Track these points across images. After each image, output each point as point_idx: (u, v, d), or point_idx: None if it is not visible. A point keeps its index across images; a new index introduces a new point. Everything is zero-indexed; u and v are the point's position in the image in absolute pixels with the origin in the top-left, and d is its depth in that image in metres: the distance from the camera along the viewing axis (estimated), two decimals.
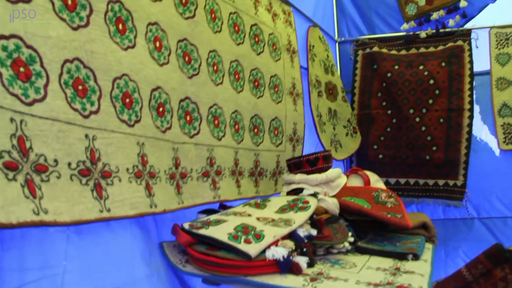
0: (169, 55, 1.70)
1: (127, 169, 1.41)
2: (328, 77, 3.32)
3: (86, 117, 1.28)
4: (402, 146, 3.67)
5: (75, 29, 1.27)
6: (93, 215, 1.24)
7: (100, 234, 1.35)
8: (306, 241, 1.65)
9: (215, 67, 1.99)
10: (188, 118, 1.80)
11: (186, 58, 1.80)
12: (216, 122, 1.98)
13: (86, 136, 1.27)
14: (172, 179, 1.66)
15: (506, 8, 3.62)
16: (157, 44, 1.63)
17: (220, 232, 1.51)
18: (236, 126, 2.15)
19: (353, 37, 4.03)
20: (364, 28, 4.03)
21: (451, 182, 3.55)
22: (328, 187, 2.24)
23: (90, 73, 1.31)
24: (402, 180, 3.68)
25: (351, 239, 1.98)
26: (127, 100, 1.45)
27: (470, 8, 3.65)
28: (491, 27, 3.66)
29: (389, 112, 3.73)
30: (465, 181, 3.52)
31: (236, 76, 2.17)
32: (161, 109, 1.62)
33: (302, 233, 1.65)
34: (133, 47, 1.50)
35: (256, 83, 2.32)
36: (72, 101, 1.23)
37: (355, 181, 2.55)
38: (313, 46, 3.19)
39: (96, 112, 1.32)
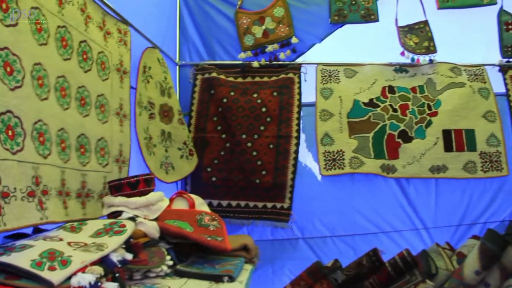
0: None
1: None
2: (164, 99, 3.31)
3: None
4: (234, 170, 3.79)
5: None
6: None
7: None
8: (119, 265, 1.61)
9: (40, 81, 1.87)
10: (10, 133, 1.65)
11: (8, 69, 1.66)
12: (41, 139, 1.86)
13: None
14: None
15: (330, 49, 4.03)
16: None
17: (23, 258, 1.40)
18: (63, 145, 2.04)
19: (193, 62, 4.11)
20: (205, 53, 4.14)
21: (278, 205, 3.76)
22: (149, 210, 2.23)
23: None
24: (234, 203, 3.79)
25: (170, 263, 2.00)
26: None
27: (300, 45, 4.00)
28: (318, 64, 4.03)
29: (223, 136, 3.85)
30: (291, 203, 3.76)
31: (63, 93, 2.06)
32: None
33: (115, 258, 1.61)
34: None
35: (82, 101, 2.23)
36: None
37: (181, 204, 2.58)
38: (150, 67, 3.18)
39: None
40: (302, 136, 3.88)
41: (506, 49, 3.98)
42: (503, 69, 3.99)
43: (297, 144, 3.80)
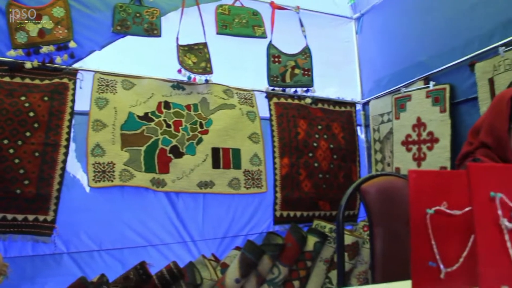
0: None
1: None
2: None
3: None
4: None
5: None
6: None
7: None
8: None
9: None
10: None
11: None
12: None
13: None
14: None
15: (109, 58, 3.94)
16: None
17: None
18: None
19: None
20: None
21: (41, 218, 3.49)
22: None
23: None
24: None
25: None
26: None
27: (78, 50, 3.82)
28: (96, 72, 3.90)
29: None
30: (55, 216, 3.52)
31: None
32: None
33: None
34: None
35: None
36: None
37: None
38: None
39: None
40: (72, 146, 3.68)
41: (272, 78, 4.45)
42: (269, 95, 4.45)
43: (66, 154, 3.60)
